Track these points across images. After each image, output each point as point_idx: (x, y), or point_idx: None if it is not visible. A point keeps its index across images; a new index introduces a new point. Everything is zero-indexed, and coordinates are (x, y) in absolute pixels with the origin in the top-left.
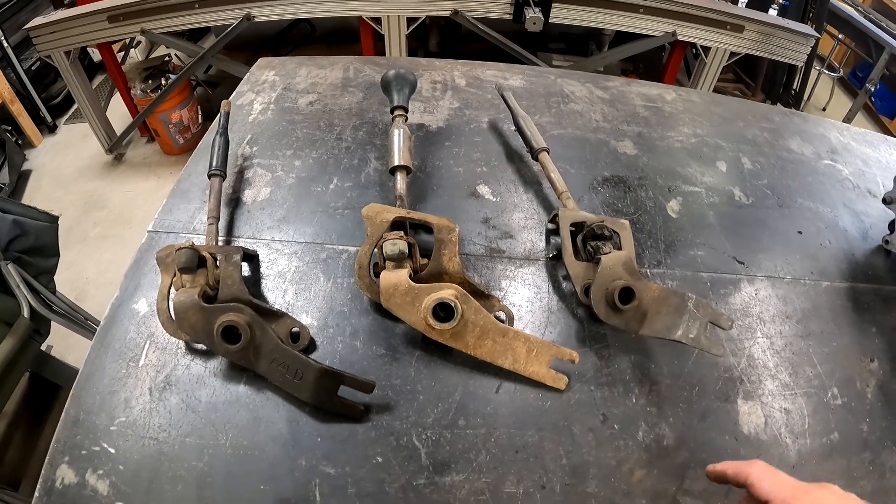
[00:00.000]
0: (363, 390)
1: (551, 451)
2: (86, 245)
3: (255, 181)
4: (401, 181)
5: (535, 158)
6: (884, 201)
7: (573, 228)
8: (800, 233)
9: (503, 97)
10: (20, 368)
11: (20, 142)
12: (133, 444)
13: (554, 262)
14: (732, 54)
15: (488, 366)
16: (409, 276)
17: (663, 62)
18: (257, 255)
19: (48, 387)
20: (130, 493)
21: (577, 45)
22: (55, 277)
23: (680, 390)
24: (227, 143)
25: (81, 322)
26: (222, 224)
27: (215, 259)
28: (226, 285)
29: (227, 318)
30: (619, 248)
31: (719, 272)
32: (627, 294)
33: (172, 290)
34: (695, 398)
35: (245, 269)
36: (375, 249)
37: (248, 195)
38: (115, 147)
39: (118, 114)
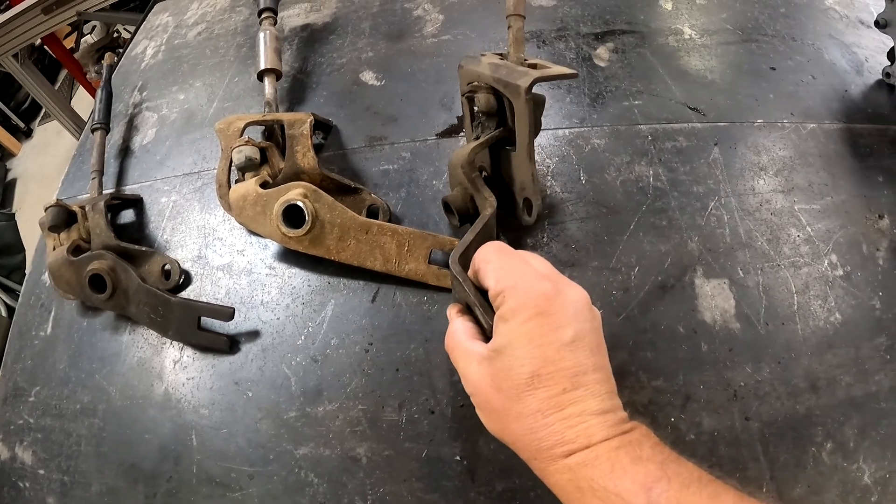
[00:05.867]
0: (222, 318)
1: (440, 367)
2: None
3: (142, 126)
4: (269, 86)
5: None
6: (877, 24)
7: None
8: (773, 69)
9: None
10: None
11: None
12: (45, 411)
13: (446, 139)
14: None
15: (364, 272)
16: (264, 184)
17: None
18: (140, 199)
19: None
20: (47, 458)
21: None
22: None
23: (613, 273)
24: (109, 95)
25: None
26: (113, 176)
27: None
28: (95, 235)
29: (92, 268)
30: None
31: (663, 122)
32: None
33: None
34: (633, 282)
35: (129, 215)
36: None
37: (136, 141)
38: None
39: (87, 102)
